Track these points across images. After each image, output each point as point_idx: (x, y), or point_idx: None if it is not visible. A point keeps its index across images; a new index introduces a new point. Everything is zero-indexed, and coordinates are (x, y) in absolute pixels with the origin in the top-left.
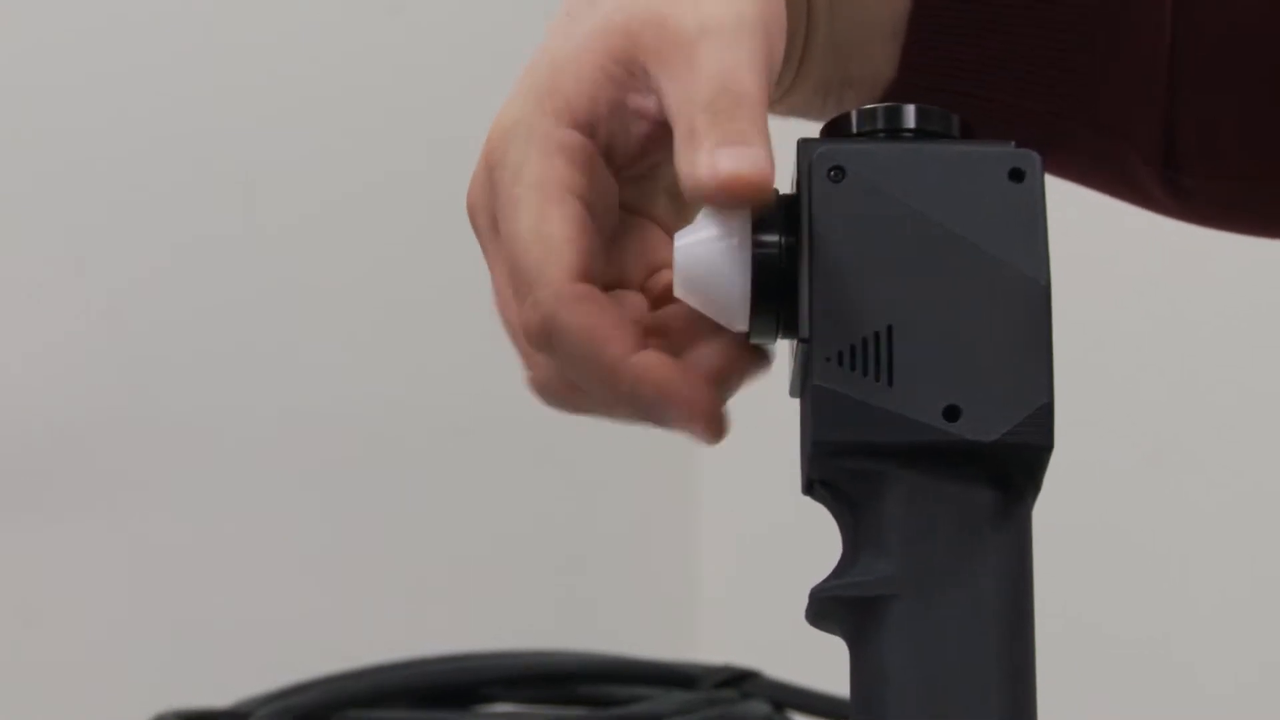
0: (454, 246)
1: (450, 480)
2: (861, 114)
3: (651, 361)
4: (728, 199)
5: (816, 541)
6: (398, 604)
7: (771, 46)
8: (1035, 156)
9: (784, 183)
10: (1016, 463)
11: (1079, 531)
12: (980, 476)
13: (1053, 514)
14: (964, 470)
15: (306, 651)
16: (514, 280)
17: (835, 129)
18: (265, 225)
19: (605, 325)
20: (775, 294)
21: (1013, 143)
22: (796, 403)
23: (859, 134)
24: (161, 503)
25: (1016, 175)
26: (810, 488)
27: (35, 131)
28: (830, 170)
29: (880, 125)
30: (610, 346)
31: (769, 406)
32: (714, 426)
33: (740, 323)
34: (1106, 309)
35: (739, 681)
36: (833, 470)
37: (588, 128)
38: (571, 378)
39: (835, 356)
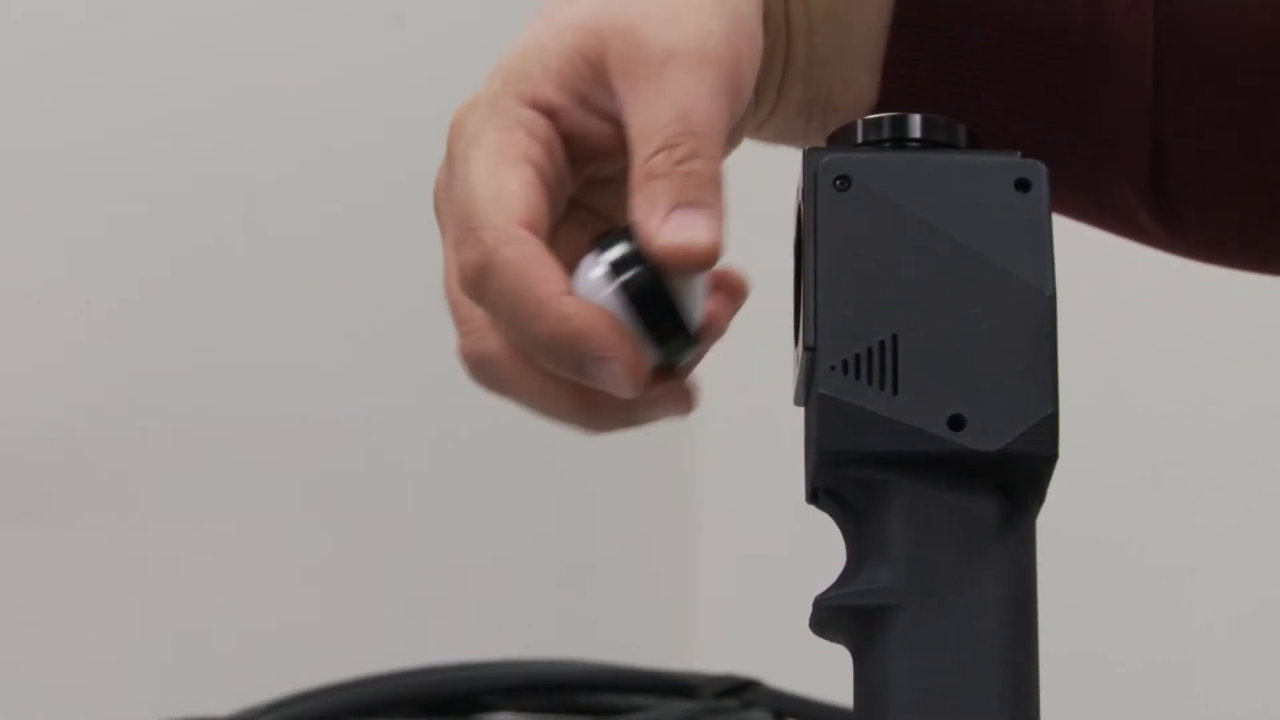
0: None
1: (452, 490)
2: (867, 123)
3: (579, 304)
4: (676, 267)
5: (819, 550)
6: (399, 613)
7: (739, 71)
8: (1041, 167)
9: (786, 188)
10: (1021, 473)
11: (1083, 543)
12: (985, 486)
13: (1057, 525)
14: (968, 480)
15: (308, 660)
16: (459, 231)
17: (841, 138)
18: (266, 233)
19: (540, 265)
20: (660, 311)
21: (1019, 153)
22: (798, 411)
23: (865, 143)
24: (162, 511)
25: (1022, 185)
26: (814, 496)
27: (38, 140)
28: (836, 179)
29: (886, 135)
30: (541, 285)
31: (771, 414)
32: (635, 374)
33: (654, 355)
34: (1111, 319)
35: (740, 691)
36: (837, 479)
37: (549, 113)
38: (499, 323)
39: (840, 365)
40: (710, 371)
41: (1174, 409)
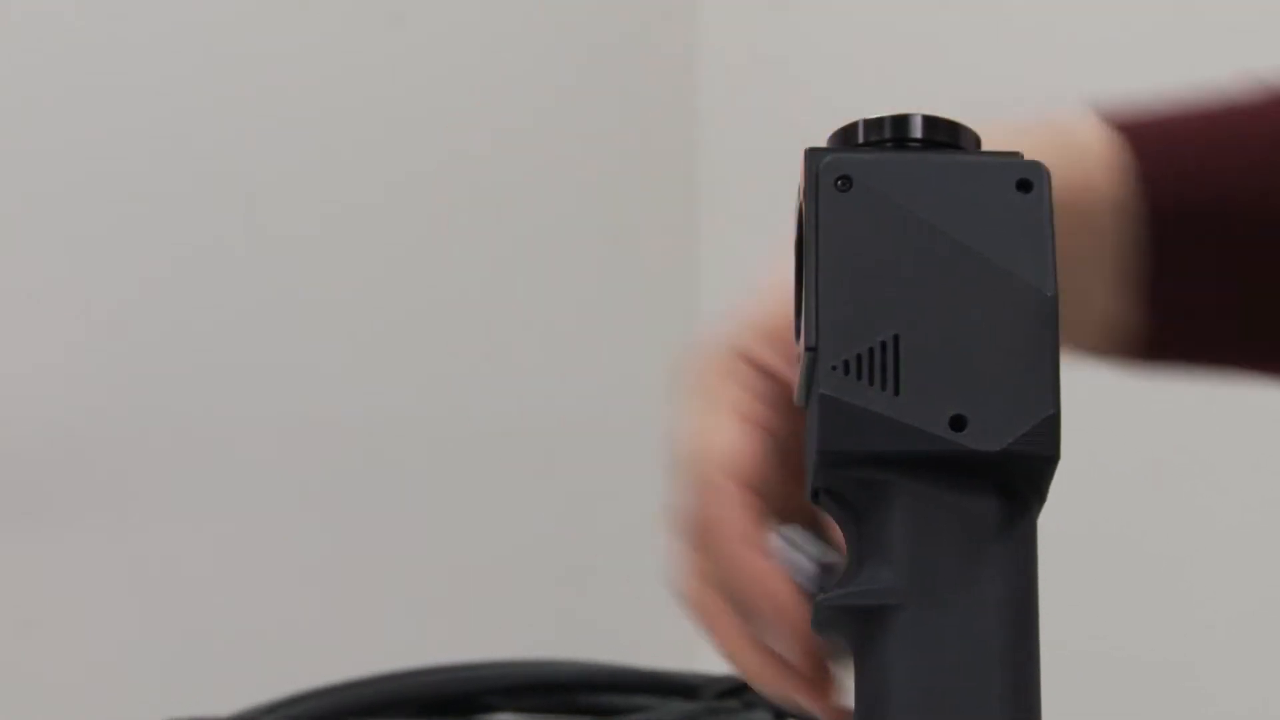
0: (455, 257)
1: (452, 490)
2: (869, 124)
3: (764, 569)
4: None
5: None
6: (399, 614)
7: None
8: (1043, 167)
9: (787, 188)
10: (1022, 473)
11: (1085, 542)
12: (986, 486)
13: (1059, 524)
14: (969, 480)
15: (308, 661)
16: (676, 474)
17: (843, 138)
18: (266, 233)
19: (738, 516)
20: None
21: (1020, 153)
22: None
23: (866, 143)
24: (163, 512)
25: (1024, 186)
26: (815, 496)
27: (38, 140)
28: (838, 179)
29: (888, 135)
30: (736, 539)
31: None
32: (802, 645)
33: None
34: None
35: (741, 691)
36: (838, 479)
37: (766, 371)
38: (706, 570)
39: (841, 365)
40: None
41: (1175, 411)
